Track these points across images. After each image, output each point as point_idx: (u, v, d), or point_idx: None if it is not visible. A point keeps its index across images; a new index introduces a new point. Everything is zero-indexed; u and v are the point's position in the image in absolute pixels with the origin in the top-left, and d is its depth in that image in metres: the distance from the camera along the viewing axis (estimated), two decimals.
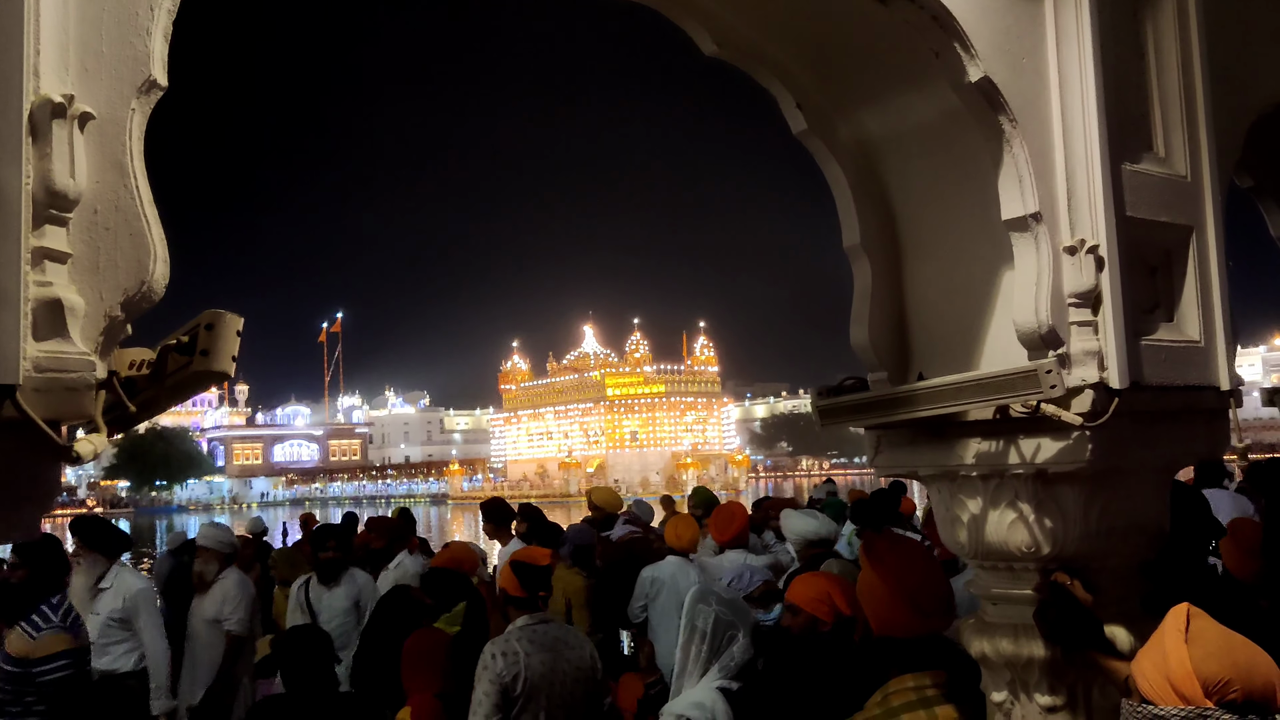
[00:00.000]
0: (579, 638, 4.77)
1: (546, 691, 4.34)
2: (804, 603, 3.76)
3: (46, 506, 1.72)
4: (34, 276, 1.63)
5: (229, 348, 1.79)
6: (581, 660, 4.55)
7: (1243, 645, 1.98)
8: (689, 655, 3.59)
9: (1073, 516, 3.03)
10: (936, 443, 3.22)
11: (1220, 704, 1.91)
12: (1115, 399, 2.88)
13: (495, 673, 4.25)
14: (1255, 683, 1.91)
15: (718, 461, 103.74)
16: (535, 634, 4.44)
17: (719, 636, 3.59)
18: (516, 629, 4.47)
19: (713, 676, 3.51)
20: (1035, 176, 2.90)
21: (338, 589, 7.26)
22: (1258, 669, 1.93)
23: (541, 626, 4.51)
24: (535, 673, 4.28)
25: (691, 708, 3.44)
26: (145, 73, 1.79)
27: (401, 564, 7.87)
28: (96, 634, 6.30)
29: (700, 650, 3.57)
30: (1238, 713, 1.90)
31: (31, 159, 1.63)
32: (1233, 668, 1.93)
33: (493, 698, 4.23)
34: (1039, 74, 2.99)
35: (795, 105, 3.34)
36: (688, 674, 3.58)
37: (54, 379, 1.63)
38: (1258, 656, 1.96)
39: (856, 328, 3.40)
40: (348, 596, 7.23)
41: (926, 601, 2.84)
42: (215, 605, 7.10)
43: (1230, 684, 1.91)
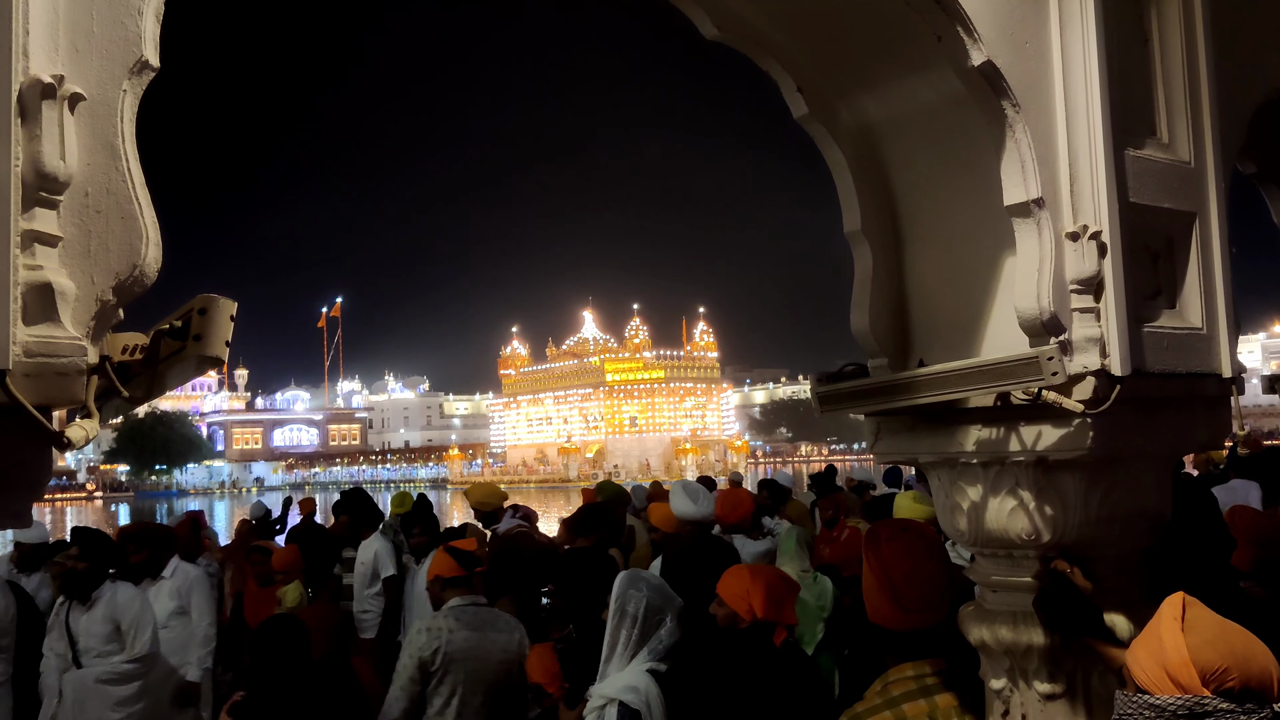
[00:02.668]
0: (510, 623, 4.98)
1: (466, 668, 4.61)
2: (728, 597, 3.75)
3: (38, 493, 1.70)
4: (24, 260, 1.60)
5: (223, 332, 1.77)
6: (509, 643, 4.82)
7: (1239, 633, 1.96)
8: (618, 639, 3.66)
9: (1073, 504, 3.01)
10: (937, 429, 3.21)
11: (1218, 692, 1.89)
12: (1117, 386, 2.86)
13: (417, 646, 4.60)
14: (1252, 671, 1.89)
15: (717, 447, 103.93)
16: (464, 614, 4.74)
17: (649, 621, 3.65)
18: (448, 607, 4.79)
19: (642, 659, 3.58)
20: (1038, 162, 2.87)
21: (94, 610, 6.29)
22: (1255, 657, 1.92)
23: (472, 608, 4.81)
24: (456, 649, 4.56)
25: (625, 690, 3.49)
26: (137, 53, 1.76)
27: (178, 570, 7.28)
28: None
29: (631, 634, 3.63)
30: (1235, 701, 1.88)
31: (21, 140, 1.61)
32: (1230, 656, 1.91)
33: (409, 670, 4.58)
34: (1042, 58, 2.96)
35: (796, 89, 3.32)
36: (616, 657, 3.63)
37: (44, 364, 1.61)
38: (1254, 645, 1.94)
39: (857, 313, 3.38)
40: (105, 619, 6.29)
41: (909, 597, 2.82)
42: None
43: (1228, 672, 1.89)
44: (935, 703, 2.72)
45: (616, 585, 3.74)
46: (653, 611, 3.67)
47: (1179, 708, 1.89)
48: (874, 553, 2.91)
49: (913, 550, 2.93)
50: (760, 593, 3.69)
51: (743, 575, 3.80)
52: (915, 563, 2.88)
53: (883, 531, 3.06)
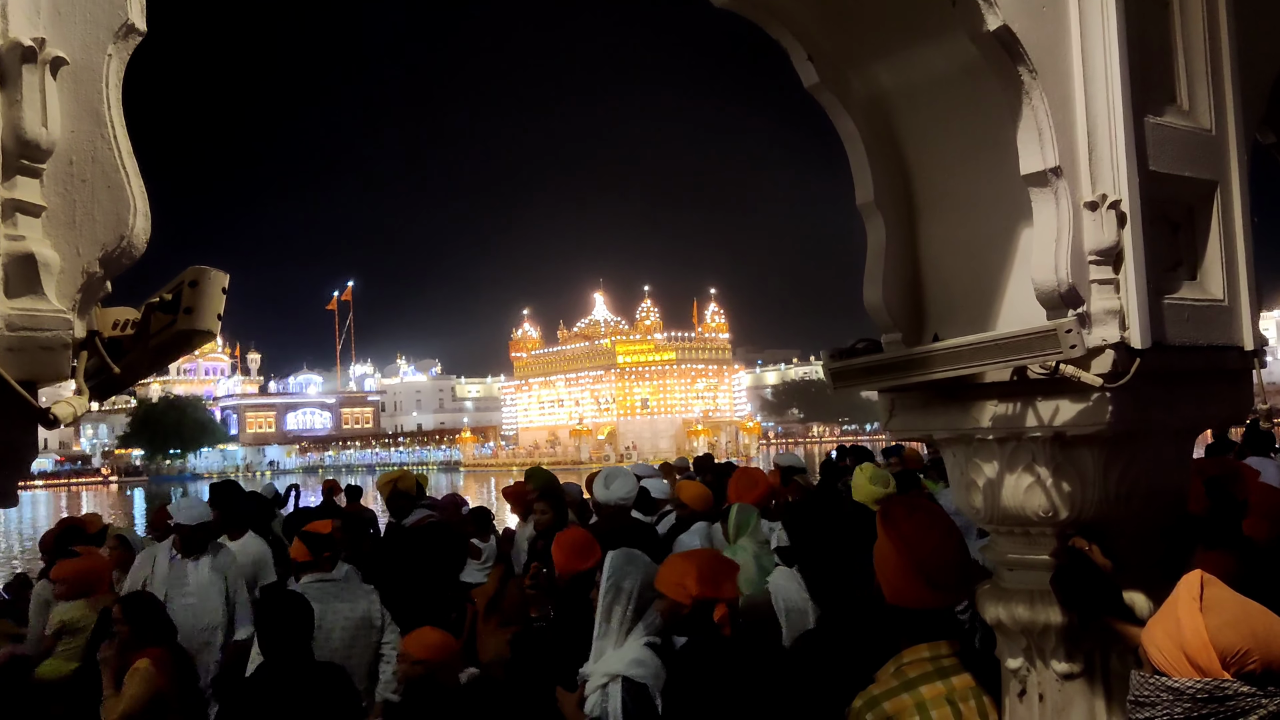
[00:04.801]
0: (360, 591, 5.82)
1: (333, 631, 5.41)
2: (663, 588, 3.73)
3: (23, 471, 1.64)
4: (5, 230, 1.55)
5: (214, 305, 1.71)
6: (353, 611, 5.62)
7: (1260, 614, 1.90)
8: (612, 616, 3.70)
9: (1091, 480, 2.95)
10: (952, 405, 3.15)
11: (1239, 675, 1.83)
12: (1137, 359, 2.79)
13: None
14: (1275, 652, 1.83)
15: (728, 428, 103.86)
16: (313, 589, 5.46)
17: (644, 598, 3.70)
18: (300, 584, 5.65)
19: (639, 635, 3.58)
20: (1055, 130, 2.80)
21: None
22: (1276, 638, 1.85)
23: (318, 583, 5.64)
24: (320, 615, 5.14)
25: (631, 665, 3.53)
26: (122, 16, 1.70)
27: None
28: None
29: (626, 611, 3.68)
30: (1256, 684, 1.82)
31: (1, 106, 1.55)
32: (1251, 637, 1.85)
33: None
34: (1060, 23, 2.88)
35: (806, 58, 3.24)
36: (612, 634, 3.64)
37: (28, 337, 1.55)
38: (1276, 625, 1.88)
39: (870, 288, 3.31)
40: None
41: (938, 573, 2.77)
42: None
43: (1249, 654, 1.83)
44: (952, 684, 2.68)
45: (609, 563, 3.76)
46: (646, 588, 3.69)
47: (1198, 691, 1.83)
48: (895, 532, 2.85)
49: (935, 526, 2.88)
50: (692, 573, 3.72)
51: (674, 563, 3.83)
52: (940, 538, 2.84)
53: (897, 510, 3.01)
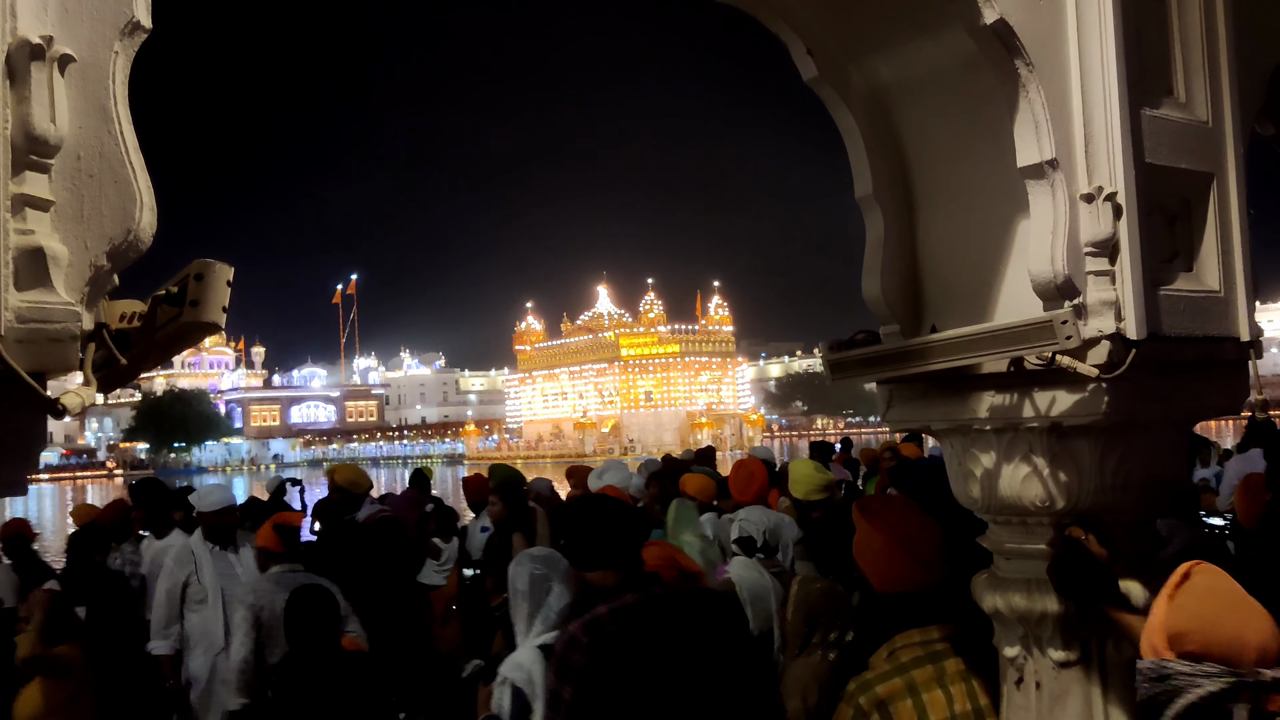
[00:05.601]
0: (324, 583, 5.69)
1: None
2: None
3: (33, 461, 1.68)
4: (14, 224, 1.58)
5: (219, 298, 1.74)
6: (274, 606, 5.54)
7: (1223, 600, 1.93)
8: (519, 618, 3.71)
9: (1088, 470, 2.98)
10: (949, 396, 3.17)
11: (1180, 655, 1.88)
12: (1132, 350, 2.81)
13: (248, 605, 5.65)
14: (1216, 635, 1.87)
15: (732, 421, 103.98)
16: (283, 579, 5.64)
17: (536, 590, 3.68)
18: (270, 573, 5.78)
19: (536, 632, 3.63)
20: (1052, 122, 2.82)
21: None
22: (1224, 623, 1.89)
23: (290, 574, 5.72)
24: (278, 607, 5.17)
25: (513, 669, 3.52)
26: (128, 14, 1.72)
27: None
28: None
29: (524, 609, 3.68)
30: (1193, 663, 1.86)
31: (10, 103, 1.58)
32: (1195, 619, 1.90)
33: (249, 620, 5.62)
34: (1056, 16, 2.90)
35: (806, 51, 3.26)
36: (521, 635, 3.69)
37: (37, 329, 1.58)
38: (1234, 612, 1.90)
39: (868, 279, 3.34)
40: None
41: (925, 549, 2.81)
42: None
43: (1188, 636, 1.89)
44: (943, 668, 2.71)
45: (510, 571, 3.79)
46: (538, 580, 3.68)
47: (1150, 671, 1.90)
48: (878, 520, 2.89)
49: (911, 508, 2.92)
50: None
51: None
52: (920, 519, 2.88)
53: (873, 502, 3.06)
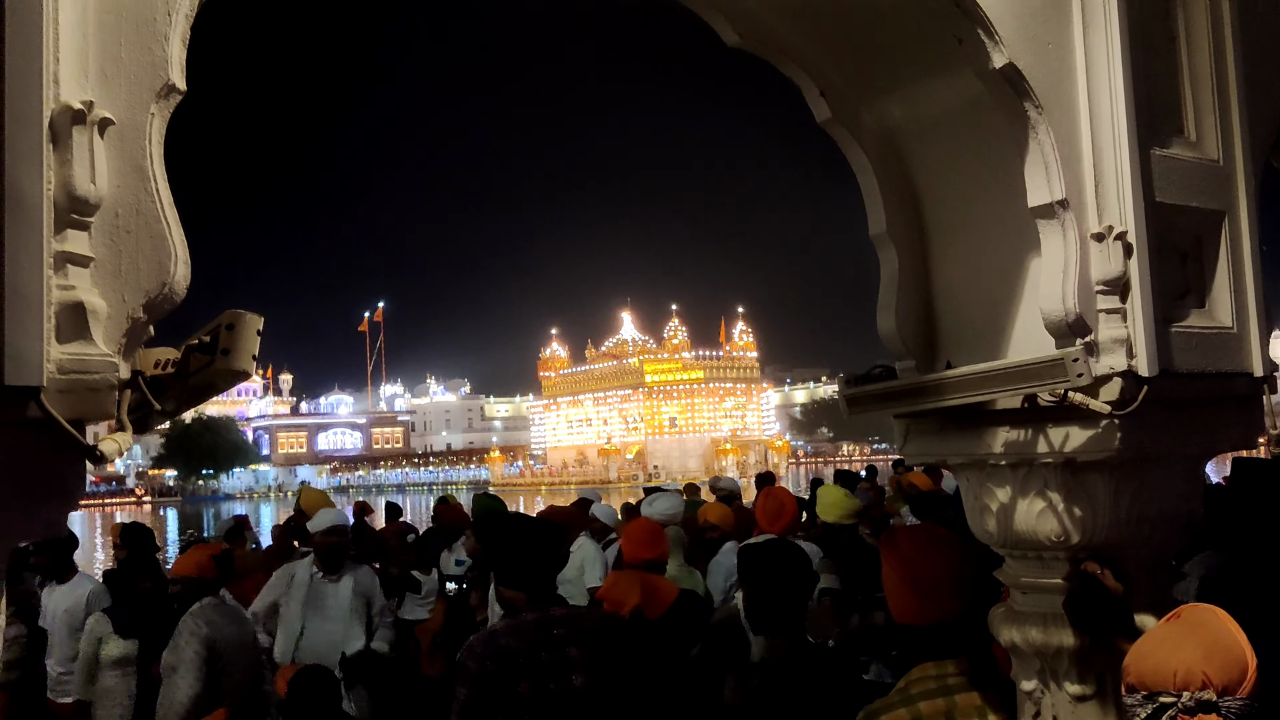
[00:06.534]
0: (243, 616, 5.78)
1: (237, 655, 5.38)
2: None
3: (72, 504, 1.76)
4: (57, 280, 1.66)
5: (249, 347, 1.82)
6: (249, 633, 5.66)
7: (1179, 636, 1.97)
8: None
9: (1102, 505, 3.00)
10: (965, 431, 3.21)
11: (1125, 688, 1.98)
12: (1144, 387, 2.85)
13: (201, 637, 5.28)
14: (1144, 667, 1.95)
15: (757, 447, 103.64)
16: (220, 610, 5.47)
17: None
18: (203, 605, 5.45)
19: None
20: (1062, 163, 2.87)
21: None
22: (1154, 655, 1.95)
23: (222, 606, 5.56)
24: (229, 640, 5.34)
25: None
26: (164, 78, 1.81)
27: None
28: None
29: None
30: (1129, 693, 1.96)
31: (53, 165, 1.66)
32: (1135, 652, 1.98)
33: (202, 655, 5.22)
34: (1065, 58, 2.95)
35: (819, 93, 3.33)
36: None
37: (77, 380, 1.66)
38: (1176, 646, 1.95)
39: (883, 316, 3.38)
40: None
41: (929, 585, 2.83)
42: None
43: (1127, 669, 1.97)
44: (955, 701, 2.72)
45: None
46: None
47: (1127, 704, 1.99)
48: (893, 551, 2.92)
49: (930, 542, 2.95)
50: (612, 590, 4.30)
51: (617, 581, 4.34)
52: (931, 552, 2.90)
53: (900, 532, 3.09)
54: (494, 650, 3.19)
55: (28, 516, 1.67)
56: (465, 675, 3.19)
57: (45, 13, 1.65)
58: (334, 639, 6.06)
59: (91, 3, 1.77)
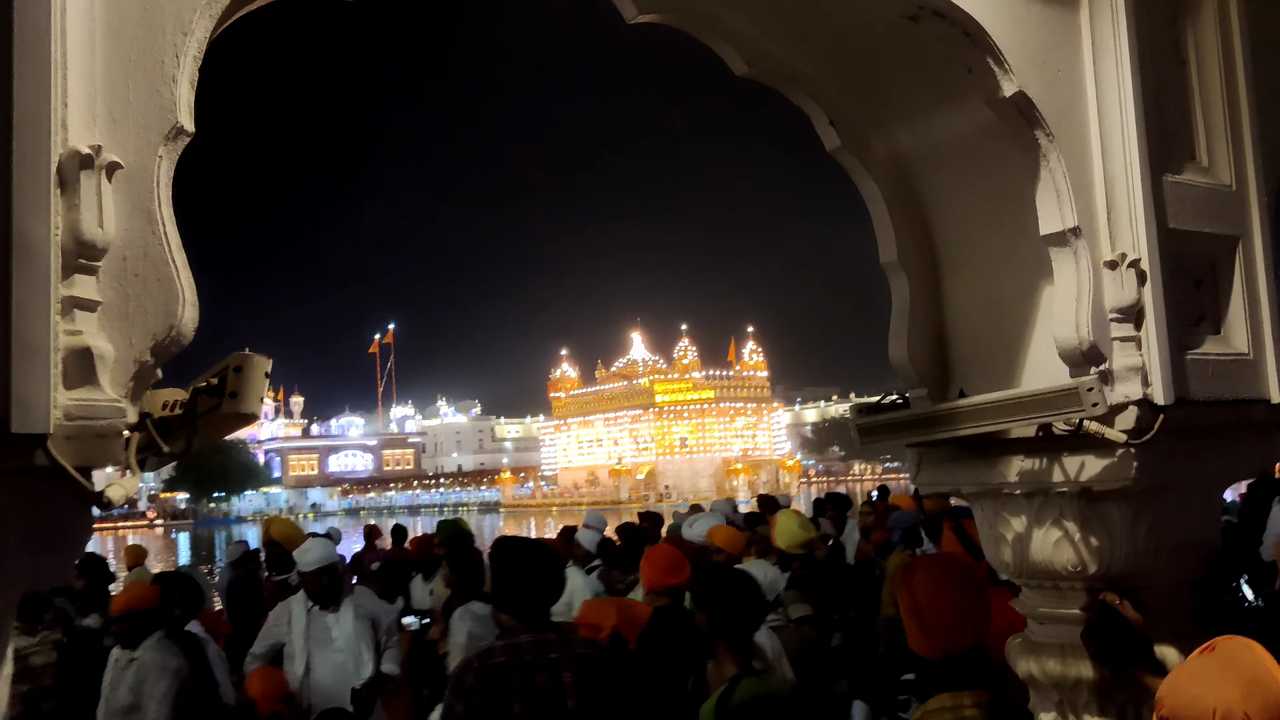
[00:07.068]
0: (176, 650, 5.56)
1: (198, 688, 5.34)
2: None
3: (79, 551, 1.75)
4: (64, 326, 1.65)
5: (257, 389, 1.81)
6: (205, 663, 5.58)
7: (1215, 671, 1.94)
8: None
9: (1119, 535, 2.97)
10: (979, 460, 3.18)
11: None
12: (1160, 415, 2.83)
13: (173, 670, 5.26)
14: (1179, 700, 1.91)
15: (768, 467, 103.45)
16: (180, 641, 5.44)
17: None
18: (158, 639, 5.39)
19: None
20: (1073, 190, 2.86)
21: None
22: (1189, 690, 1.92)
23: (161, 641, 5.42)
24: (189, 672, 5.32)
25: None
26: (172, 120, 1.81)
27: None
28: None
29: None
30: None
31: (60, 210, 1.66)
32: (1169, 685, 1.95)
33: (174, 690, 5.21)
34: (1075, 86, 2.94)
35: (828, 122, 3.32)
36: None
37: (84, 426, 1.65)
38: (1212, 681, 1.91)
39: (895, 344, 3.37)
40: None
41: (932, 619, 2.80)
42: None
43: (1161, 701, 1.93)
44: None
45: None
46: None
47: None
48: (907, 583, 2.89)
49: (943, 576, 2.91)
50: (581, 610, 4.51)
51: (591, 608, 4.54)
52: (941, 587, 2.86)
53: (918, 563, 3.06)
54: (490, 667, 3.23)
55: (35, 563, 1.65)
56: (461, 690, 3.23)
57: (54, 58, 1.65)
58: (342, 670, 5.81)
59: (99, 47, 1.76)
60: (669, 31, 3.14)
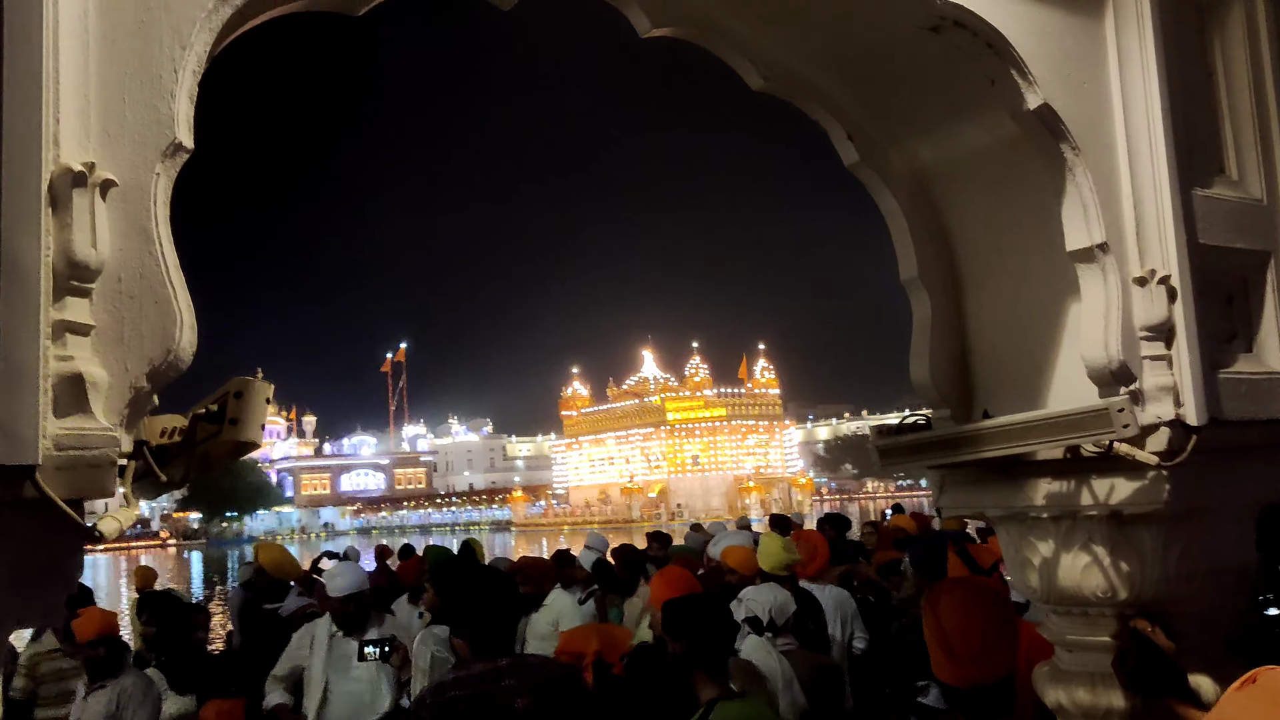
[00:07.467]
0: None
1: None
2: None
3: (69, 587, 1.66)
4: (55, 351, 1.58)
5: (258, 416, 1.73)
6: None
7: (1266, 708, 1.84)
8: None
9: (1151, 560, 2.88)
10: (1004, 482, 3.10)
11: None
12: (1193, 436, 2.74)
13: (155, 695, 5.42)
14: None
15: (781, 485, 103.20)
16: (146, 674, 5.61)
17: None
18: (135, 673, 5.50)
19: None
20: (1100, 205, 2.78)
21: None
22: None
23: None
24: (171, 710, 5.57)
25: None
26: (170, 136, 1.74)
27: None
28: None
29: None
30: None
31: (51, 230, 1.59)
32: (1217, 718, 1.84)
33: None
34: (1101, 98, 2.87)
35: (846, 137, 3.25)
36: None
37: (76, 456, 1.57)
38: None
39: (916, 364, 3.28)
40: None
41: (959, 648, 2.72)
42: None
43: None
44: None
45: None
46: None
47: None
48: (933, 608, 2.81)
49: (969, 602, 2.83)
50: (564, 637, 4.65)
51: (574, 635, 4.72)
52: (968, 614, 2.78)
53: (943, 586, 2.97)
54: (444, 701, 3.19)
55: (24, 600, 1.57)
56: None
57: (45, 71, 1.58)
58: (359, 701, 5.62)
59: (94, 60, 1.70)
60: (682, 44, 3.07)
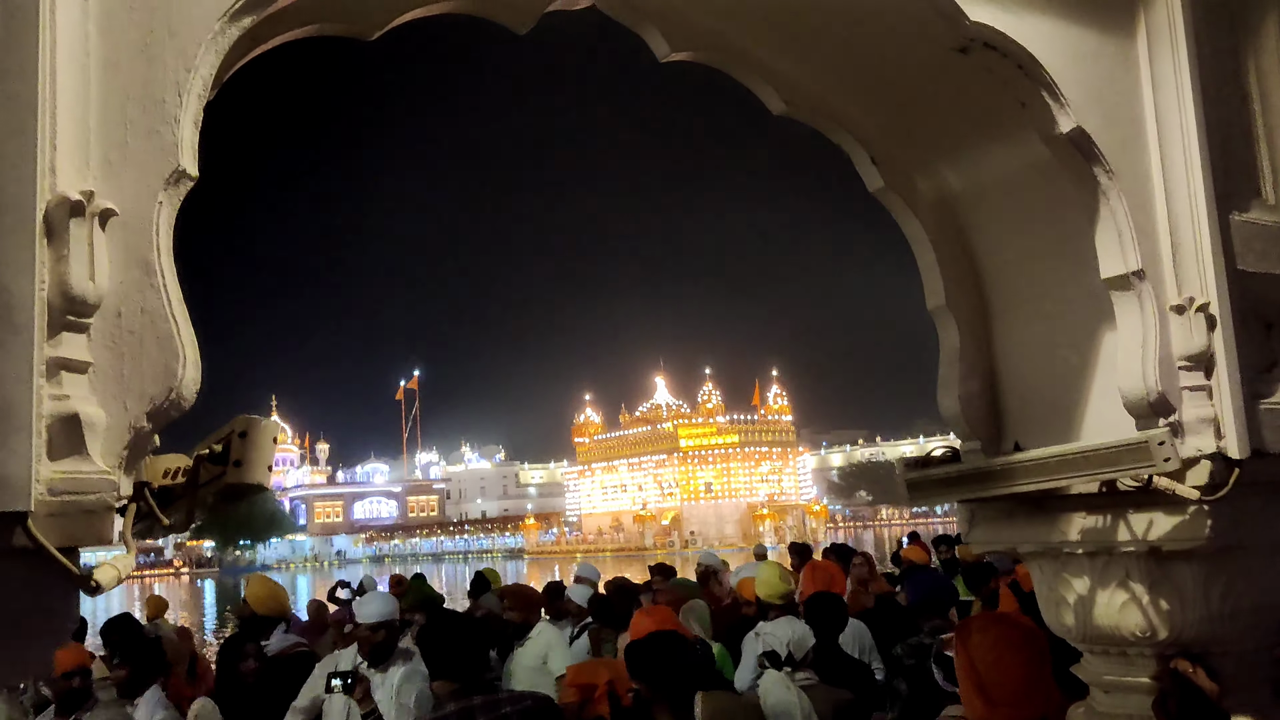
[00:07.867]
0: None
1: None
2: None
3: (61, 640, 1.57)
4: (49, 390, 1.49)
5: (265, 456, 1.64)
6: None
7: None
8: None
9: (1191, 598, 2.77)
10: (1037, 516, 3.00)
11: None
12: (1235, 469, 2.64)
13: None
14: None
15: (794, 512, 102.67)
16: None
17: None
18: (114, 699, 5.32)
19: None
20: (1136, 231, 2.69)
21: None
22: None
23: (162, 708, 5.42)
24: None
25: None
26: (174, 163, 1.66)
27: None
28: None
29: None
30: None
31: (47, 262, 1.50)
32: None
33: None
34: (1135, 122, 2.78)
35: (870, 161, 3.17)
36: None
37: (71, 502, 1.48)
38: None
39: (945, 394, 3.19)
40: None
41: (995, 689, 2.61)
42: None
43: None
44: None
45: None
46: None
47: None
48: (964, 645, 2.71)
49: (1002, 641, 2.72)
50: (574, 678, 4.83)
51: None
52: (1002, 654, 2.68)
53: (974, 623, 2.87)
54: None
55: (14, 655, 1.48)
56: None
57: (41, 96, 1.50)
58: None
59: (94, 84, 1.62)
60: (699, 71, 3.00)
